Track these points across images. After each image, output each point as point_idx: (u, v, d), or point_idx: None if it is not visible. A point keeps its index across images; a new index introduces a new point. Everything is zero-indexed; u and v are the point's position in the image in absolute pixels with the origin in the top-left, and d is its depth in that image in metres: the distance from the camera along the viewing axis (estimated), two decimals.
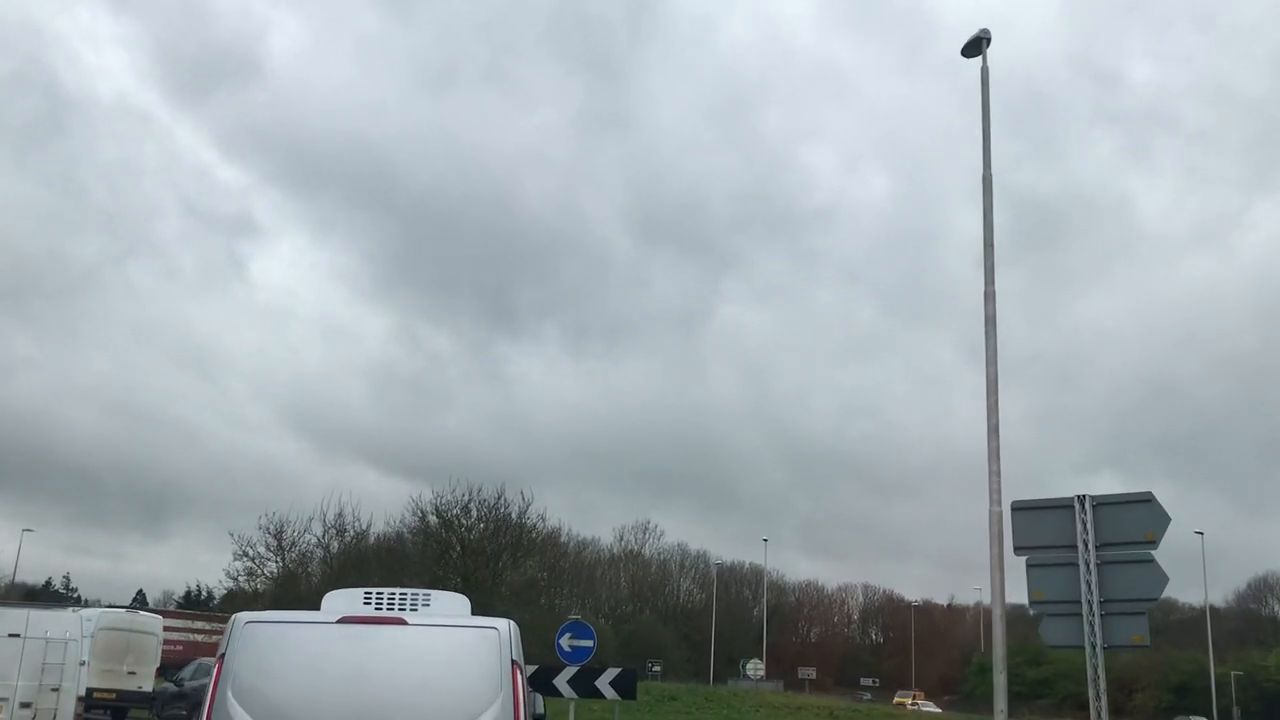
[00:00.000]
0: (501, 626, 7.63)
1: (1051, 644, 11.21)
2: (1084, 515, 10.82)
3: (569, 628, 19.48)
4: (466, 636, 7.56)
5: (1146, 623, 10.69)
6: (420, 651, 7.39)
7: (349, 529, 37.50)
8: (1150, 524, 10.61)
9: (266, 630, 7.59)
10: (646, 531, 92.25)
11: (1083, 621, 10.65)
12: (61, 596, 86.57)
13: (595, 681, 18.10)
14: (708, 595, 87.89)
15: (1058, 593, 10.94)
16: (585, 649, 19.06)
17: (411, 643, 7.43)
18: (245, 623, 7.67)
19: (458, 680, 7.33)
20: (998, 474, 11.46)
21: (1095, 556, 10.70)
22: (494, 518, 35.37)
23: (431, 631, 7.56)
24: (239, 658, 7.41)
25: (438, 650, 7.45)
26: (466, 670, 7.38)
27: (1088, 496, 10.87)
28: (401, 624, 7.54)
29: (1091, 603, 10.62)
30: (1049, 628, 11.08)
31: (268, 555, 36.52)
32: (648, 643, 72.23)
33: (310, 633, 7.55)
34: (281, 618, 8.29)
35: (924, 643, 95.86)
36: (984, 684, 72.60)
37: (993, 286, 12.08)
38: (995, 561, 11.41)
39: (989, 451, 11.48)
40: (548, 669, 18.36)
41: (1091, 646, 10.59)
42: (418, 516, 36.26)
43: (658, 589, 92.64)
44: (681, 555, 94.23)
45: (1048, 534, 11.05)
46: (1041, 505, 11.18)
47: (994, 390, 11.56)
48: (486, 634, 7.55)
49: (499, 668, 7.37)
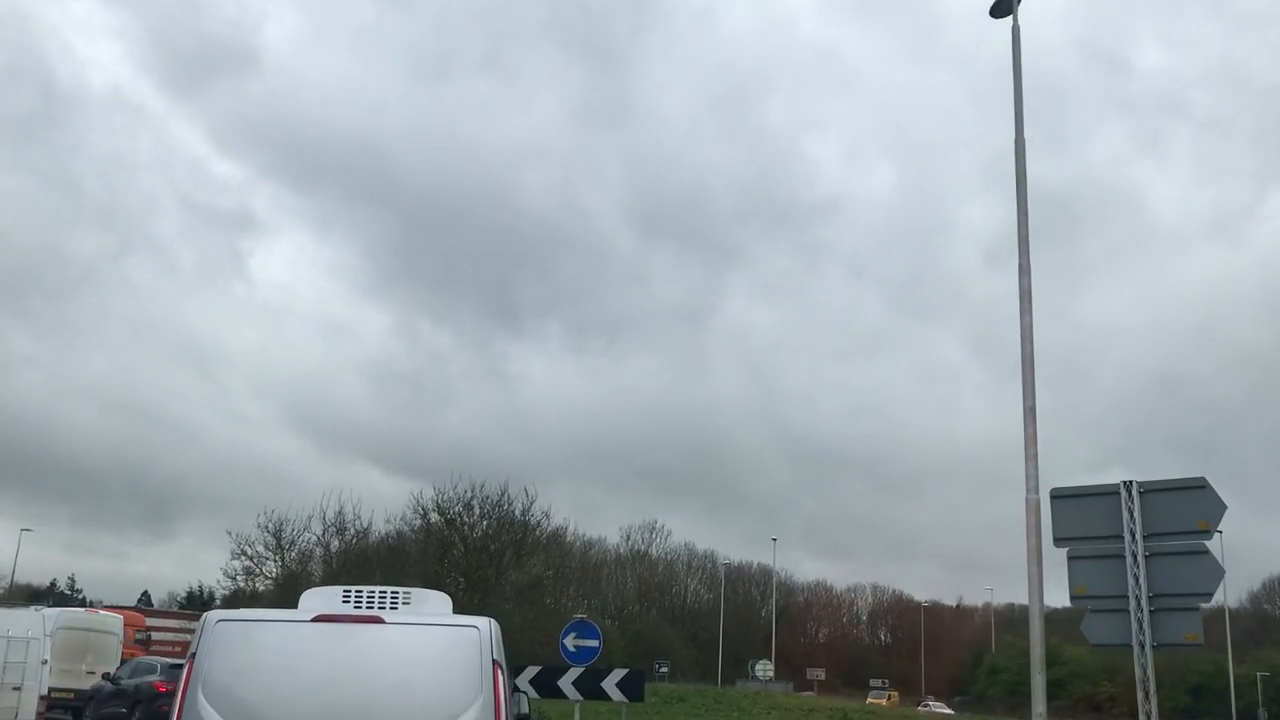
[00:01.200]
0: (482, 625, 7.49)
1: (1096, 643, 10.38)
2: (1130, 503, 10.01)
3: (574, 627, 18.85)
4: (446, 635, 7.42)
5: (1200, 619, 9.87)
6: (397, 651, 7.24)
7: (349, 527, 36.81)
8: (1203, 512, 9.79)
9: (238, 629, 7.43)
10: (653, 531, 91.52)
11: (1130, 618, 9.84)
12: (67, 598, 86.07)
13: (601, 683, 17.55)
14: (715, 595, 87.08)
15: (1102, 587, 10.13)
16: (591, 649, 18.45)
17: (389, 642, 7.28)
18: (216, 621, 7.49)
19: (436, 680, 7.18)
20: (1035, 459, 10.65)
21: (1143, 548, 9.90)
22: (497, 515, 34.69)
23: (409, 630, 7.41)
24: (210, 657, 7.21)
25: (416, 649, 7.29)
26: (445, 670, 7.24)
27: (1135, 483, 10.06)
28: (379, 623, 7.39)
29: (1140, 598, 9.81)
30: (1093, 625, 10.25)
31: (266, 554, 35.99)
32: (654, 643, 71.46)
33: (284, 631, 7.40)
34: (254, 616, 8.27)
35: (933, 643, 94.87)
36: (995, 685, 72.12)
37: (1027, 259, 11.26)
38: (1033, 554, 10.59)
39: (1025, 436, 10.66)
40: (552, 670, 17.75)
41: (1140, 645, 9.77)
42: (419, 514, 35.63)
43: (664, 589, 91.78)
44: (689, 555, 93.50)
45: (1091, 524, 10.24)
46: (1084, 493, 10.38)
47: (1030, 370, 10.74)
48: (466, 633, 7.41)
49: (479, 667, 7.23)
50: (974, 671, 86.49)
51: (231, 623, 7.52)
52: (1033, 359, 10.96)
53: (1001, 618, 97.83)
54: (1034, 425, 10.79)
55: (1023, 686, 68.28)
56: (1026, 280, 11.29)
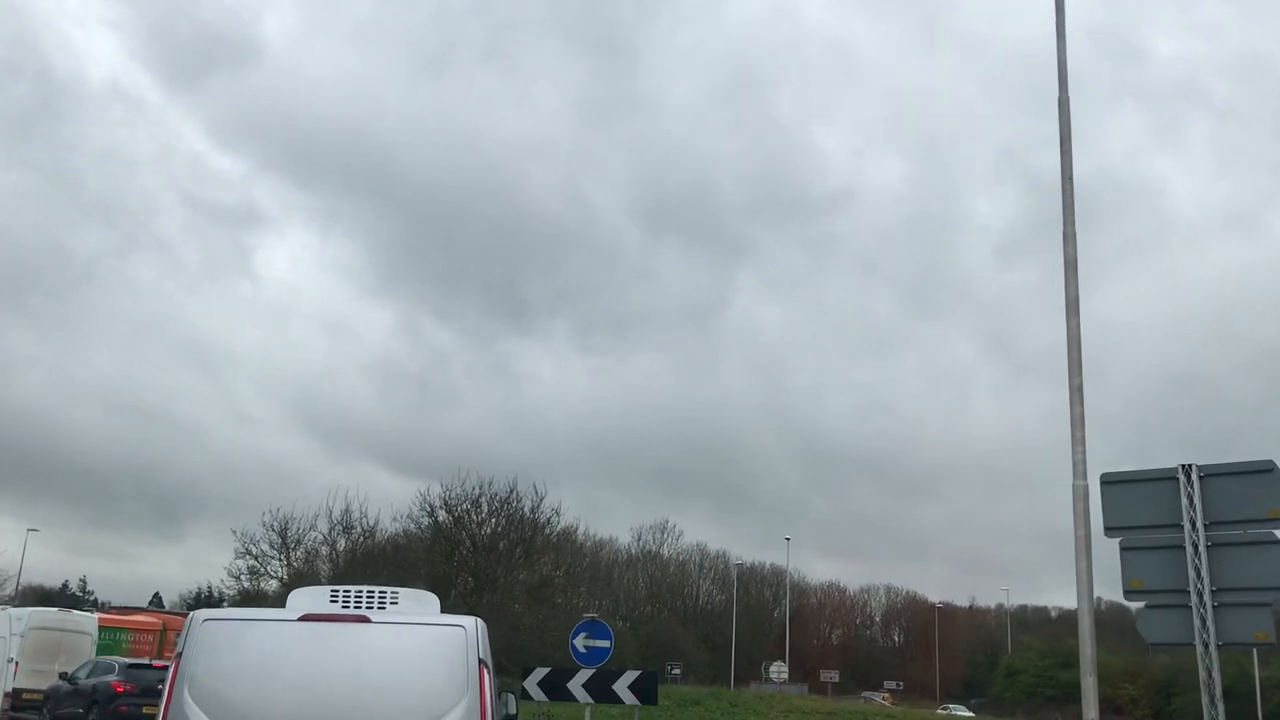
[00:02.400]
0: (468, 625, 7.49)
1: (1154, 641, 9.53)
2: (1190, 489, 9.17)
3: (584, 626, 18.15)
4: (431, 635, 7.43)
5: (1270, 616, 9.01)
6: (383, 650, 7.25)
7: (356, 525, 36.09)
8: (1273, 498, 8.94)
9: (225, 628, 7.45)
10: (665, 531, 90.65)
11: (1192, 614, 9.00)
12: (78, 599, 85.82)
13: (613, 685, 16.91)
14: (727, 597, 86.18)
15: (1159, 581, 9.29)
16: (602, 650, 17.76)
17: (374, 642, 7.30)
18: (203, 620, 7.49)
19: (421, 680, 7.18)
20: (1082, 442, 9.80)
21: (1205, 538, 9.05)
22: (505, 512, 33.94)
23: (395, 630, 7.43)
24: (196, 657, 7.20)
25: (401, 649, 7.31)
26: (431, 670, 7.24)
27: (1195, 466, 9.21)
28: (365, 622, 7.41)
29: (1201, 593, 8.96)
30: (1149, 622, 9.40)
31: (271, 554, 35.30)
32: (666, 645, 70.61)
33: (270, 631, 7.43)
34: (240, 615, 8.46)
35: (946, 645, 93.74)
36: (1012, 686, 71.17)
37: (1073, 226, 10.47)
38: (1081, 546, 9.75)
39: (1072, 418, 9.83)
40: (561, 672, 17.09)
41: (1203, 644, 8.93)
42: (426, 511, 34.87)
43: (676, 590, 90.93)
44: (700, 556, 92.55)
45: (1146, 512, 9.41)
46: (1138, 478, 9.54)
47: (1076, 346, 9.90)
48: (452, 632, 7.42)
49: (465, 667, 7.23)
50: (989, 673, 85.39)
51: (218, 622, 7.51)
52: (1079, 335, 10.13)
53: (1015, 619, 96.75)
54: (1081, 405, 9.95)
55: (1041, 688, 68.03)
56: (1072, 249, 10.48)
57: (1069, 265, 10.39)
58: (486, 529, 34.50)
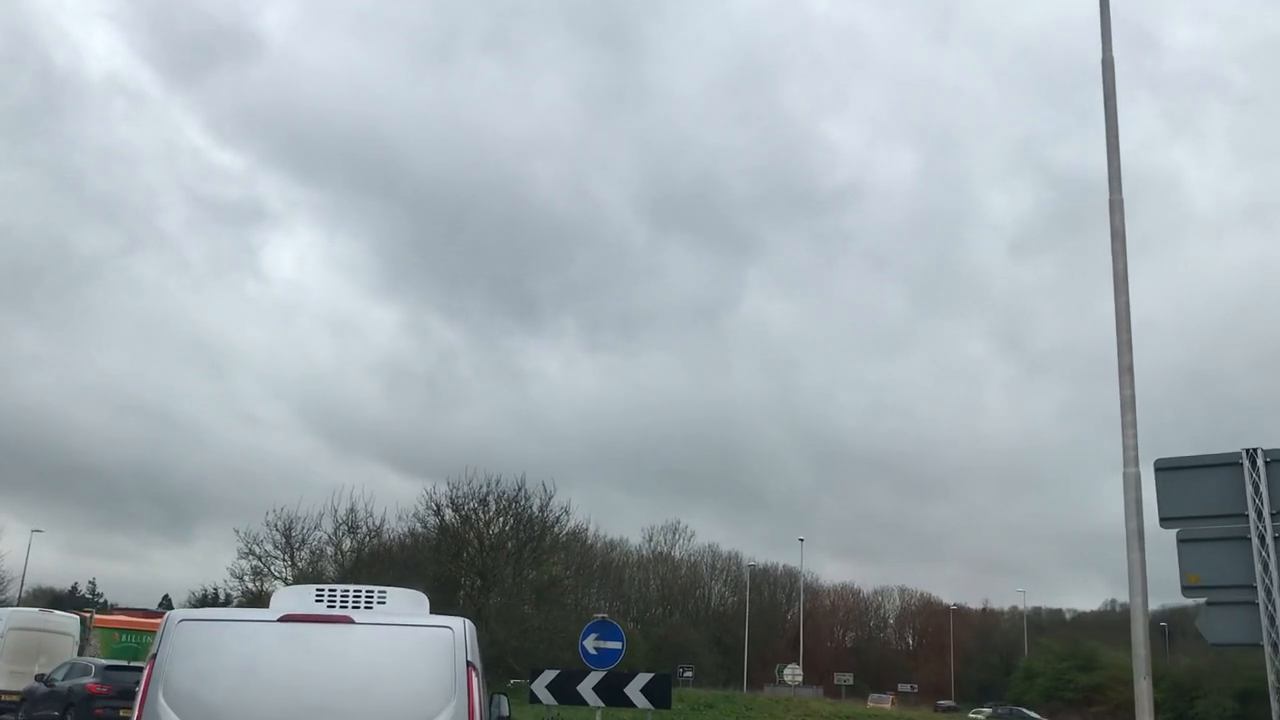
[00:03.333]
0: (456, 626, 7.31)
1: (1216, 642, 8.76)
2: (1255, 475, 8.40)
3: (594, 628, 17.52)
4: (417, 636, 7.23)
5: None
6: (366, 652, 7.05)
7: (361, 525, 35.36)
8: None
9: (202, 629, 7.23)
10: (676, 532, 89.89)
11: (1259, 612, 8.23)
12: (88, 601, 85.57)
13: (625, 688, 16.20)
14: (739, 598, 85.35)
15: (1222, 575, 8.52)
16: (613, 652, 17.15)
17: (358, 643, 7.10)
18: (179, 620, 7.29)
19: (406, 683, 6.99)
20: (1133, 425, 9.03)
21: (1273, 528, 8.29)
22: (513, 510, 33.20)
23: (379, 631, 7.21)
24: (172, 658, 6.99)
25: (386, 651, 7.10)
26: (416, 672, 7.04)
27: (1260, 450, 8.44)
28: (348, 623, 7.20)
29: (1270, 588, 8.19)
30: (1211, 620, 8.63)
31: (275, 554, 34.62)
32: (678, 647, 69.93)
33: (249, 631, 7.22)
34: (219, 615, 8.19)
35: (961, 647, 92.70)
36: (1032, 689, 70.06)
37: (1119, 195, 9.71)
38: (1133, 537, 8.98)
39: (1122, 400, 9.06)
40: (570, 674, 16.43)
41: (1271, 645, 8.16)
42: (432, 509, 34.12)
43: (688, 591, 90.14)
44: (712, 557, 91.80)
45: (1206, 500, 8.64)
46: (1197, 464, 8.77)
47: (1126, 323, 9.13)
48: (439, 634, 7.21)
49: (452, 670, 7.04)
50: (1005, 676, 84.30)
51: (195, 622, 7.29)
52: (1129, 312, 9.36)
53: (1029, 621, 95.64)
54: (1131, 387, 9.20)
55: (1061, 691, 66.98)
56: (1119, 219, 9.72)
57: (1116, 236, 9.64)
58: (494, 528, 33.79)
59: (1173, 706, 55.36)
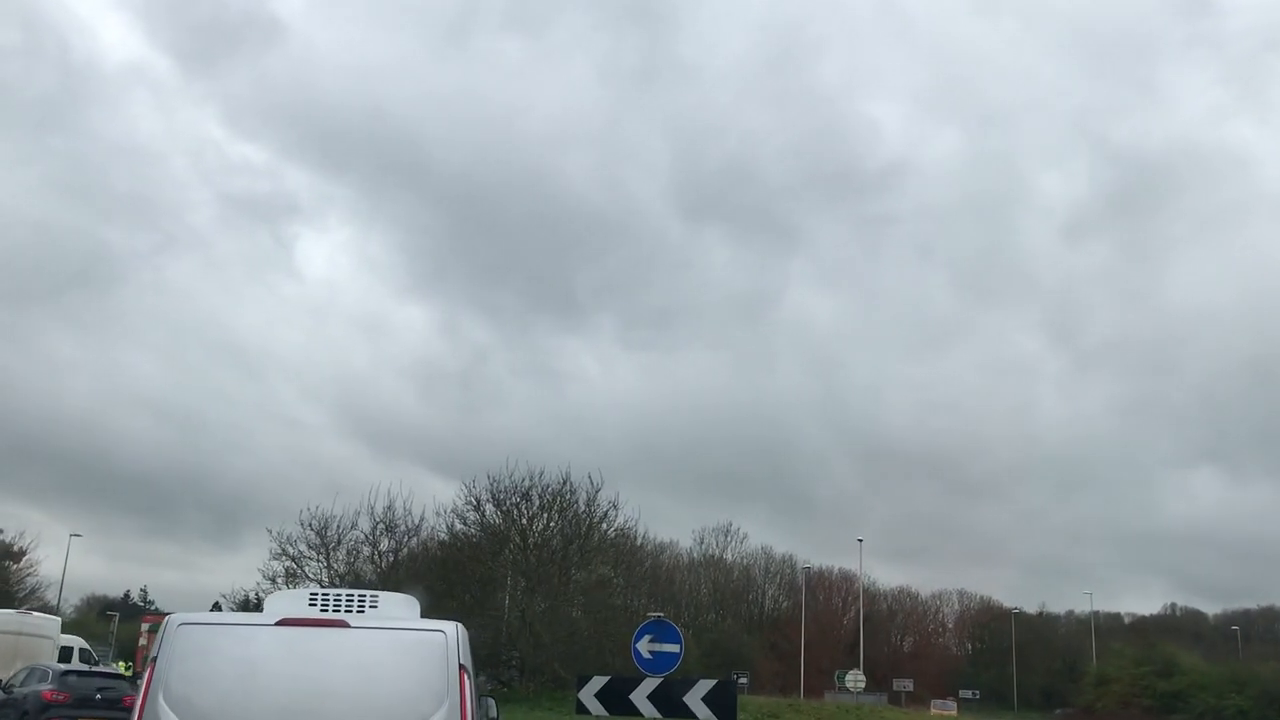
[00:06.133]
0: (449, 629, 7.45)
1: None
2: None
3: (649, 628, 15.47)
4: (410, 640, 7.37)
5: None
6: (361, 655, 7.17)
7: (400, 523, 33.62)
8: None
9: (201, 632, 7.33)
10: (728, 534, 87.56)
11: None
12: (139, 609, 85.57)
13: (684, 697, 14.27)
14: (794, 602, 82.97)
15: None
16: (670, 656, 15.11)
17: (353, 646, 7.22)
18: (179, 624, 7.37)
19: (400, 686, 7.11)
20: None
21: None
22: (558, 505, 31.26)
23: (374, 634, 7.35)
24: (171, 661, 7.11)
25: (380, 654, 7.22)
26: (410, 675, 7.16)
27: None
28: (343, 626, 7.36)
29: None
30: None
31: (309, 554, 33.04)
32: (732, 653, 67.93)
33: (247, 635, 7.40)
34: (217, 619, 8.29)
35: (1022, 652, 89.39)
36: (1104, 696, 66.88)
37: None
38: None
39: None
40: (623, 681, 14.56)
41: None
42: (472, 504, 32.26)
43: (740, 595, 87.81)
44: (766, 560, 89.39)
45: None
46: None
47: None
48: (432, 637, 7.37)
49: (445, 673, 7.17)
50: (1068, 682, 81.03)
51: (194, 626, 7.36)
52: None
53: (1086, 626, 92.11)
54: None
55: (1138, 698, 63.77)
56: None
57: None
58: (538, 524, 31.85)
59: (1262, 714, 51.95)
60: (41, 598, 59.82)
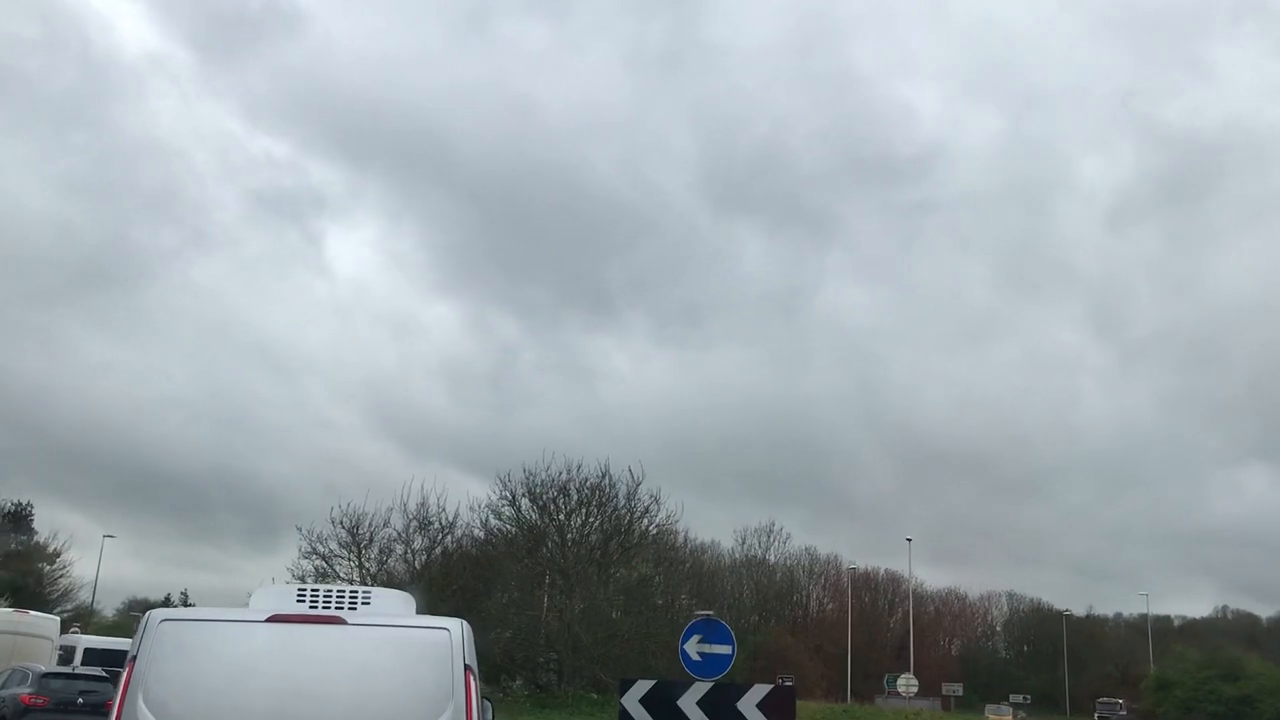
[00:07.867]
0: (453, 627, 7.14)
1: None
2: None
3: (698, 627, 14.08)
4: (413, 638, 7.03)
5: None
6: (360, 655, 6.84)
7: (434, 521, 32.44)
8: None
9: (184, 629, 6.98)
10: (771, 535, 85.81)
11: None
12: None
13: (737, 703, 12.88)
14: (838, 604, 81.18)
15: None
16: (722, 658, 13.70)
17: (351, 645, 6.88)
18: (160, 621, 7.03)
19: (402, 686, 6.78)
20: None
21: None
22: (597, 500, 29.96)
23: (374, 632, 7.00)
24: (152, 660, 6.73)
25: (380, 653, 6.88)
26: (412, 676, 6.84)
27: None
28: (340, 623, 7.01)
29: None
30: None
31: (340, 552, 32.00)
32: (776, 656, 66.39)
33: (235, 633, 6.99)
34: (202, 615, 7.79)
35: (1073, 655, 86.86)
36: (1168, 700, 64.45)
37: None
38: None
39: None
40: (670, 685, 13.15)
41: None
42: (507, 499, 31.03)
43: (784, 597, 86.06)
44: (810, 561, 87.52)
45: None
46: None
47: None
48: (436, 635, 7.05)
49: (449, 673, 6.85)
50: (1122, 686, 78.48)
51: (177, 623, 7.09)
52: None
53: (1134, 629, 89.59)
54: None
55: (1202, 703, 61.35)
56: None
57: None
58: (576, 520, 30.54)
59: None
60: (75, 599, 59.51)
